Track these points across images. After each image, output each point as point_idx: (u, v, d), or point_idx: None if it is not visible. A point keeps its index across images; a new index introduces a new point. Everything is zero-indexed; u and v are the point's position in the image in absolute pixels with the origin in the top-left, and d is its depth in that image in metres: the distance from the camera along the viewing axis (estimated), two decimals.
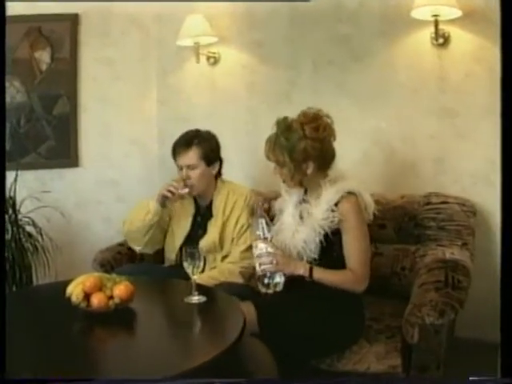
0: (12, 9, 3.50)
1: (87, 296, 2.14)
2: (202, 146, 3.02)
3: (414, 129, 3.31)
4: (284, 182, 2.66)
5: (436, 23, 3.07)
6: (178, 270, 2.75)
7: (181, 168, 3.04)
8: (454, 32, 3.12)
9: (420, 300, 2.40)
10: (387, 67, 3.35)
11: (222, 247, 3.04)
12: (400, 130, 3.35)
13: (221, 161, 3.13)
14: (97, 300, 2.11)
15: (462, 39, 3.12)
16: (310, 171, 2.56)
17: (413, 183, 3.28)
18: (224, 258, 3.03)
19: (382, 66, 3.36)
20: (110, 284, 2.17)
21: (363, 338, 2.54)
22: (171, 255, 3.12)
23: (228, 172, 3.20)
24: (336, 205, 2.52)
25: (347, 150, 3.39)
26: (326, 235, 2.52)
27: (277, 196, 2.85)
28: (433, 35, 3.13)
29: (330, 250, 2.55)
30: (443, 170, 3.24)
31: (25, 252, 3.60)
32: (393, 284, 3.05)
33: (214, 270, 2.96)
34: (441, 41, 3.14)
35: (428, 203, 3.04)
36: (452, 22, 3.08)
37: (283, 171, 2.59)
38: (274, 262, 2.47)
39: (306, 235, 2.57)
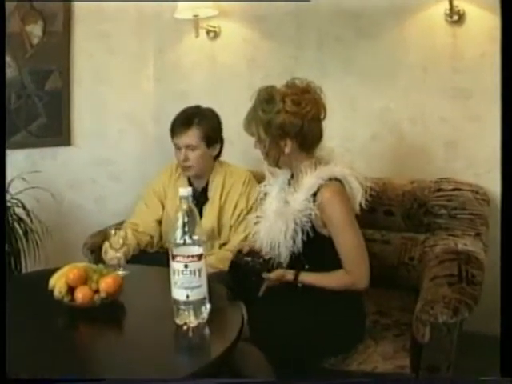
0: None
1: (71, 289, 1.98)
2: (203, 125, 2.86)
3: (424, 110, 3.14)
4: (264, 159, 2.40)
5: None
6: None
7: (179, 148, 2.89)
8: (470, 9, 2.94)
9: (432, 296, 2.23)
10: (398, 45, 3.17)
11: (219, 234, 2.91)
12: (410, 111, 3.19)
13: (222, 142, 2.97)
14: (81, 294, 1.95)
15: (478, 17, 2.94)
16: (287, 150, 2.28)
17: (423, 168, 3.11)
18: (222, 245, 2.91)
19: (393, 44, 3.18)
20: (95, 276, 2.01)
21: (369, 337, 2.39)
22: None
23: (228, 152, 3.05)
24: (315, 194, 2.24)
25: (354, 130, 3.32)
26: (308, 231, 2.25)
27: None
28: (447, 12, 2.96)
29: (315, 249, 2.29)
30: (455, 155, 3.08)
31: (13, 235, 3.44)
32: (400, 275, 2.90)
33: (211, 256, 2.80)
34: (455, 18, 2.96)
35: (439, 189, 2.87)
36: None
37: (261, 147, 2.34)
38: None
39: (278, 228, 2.30)
